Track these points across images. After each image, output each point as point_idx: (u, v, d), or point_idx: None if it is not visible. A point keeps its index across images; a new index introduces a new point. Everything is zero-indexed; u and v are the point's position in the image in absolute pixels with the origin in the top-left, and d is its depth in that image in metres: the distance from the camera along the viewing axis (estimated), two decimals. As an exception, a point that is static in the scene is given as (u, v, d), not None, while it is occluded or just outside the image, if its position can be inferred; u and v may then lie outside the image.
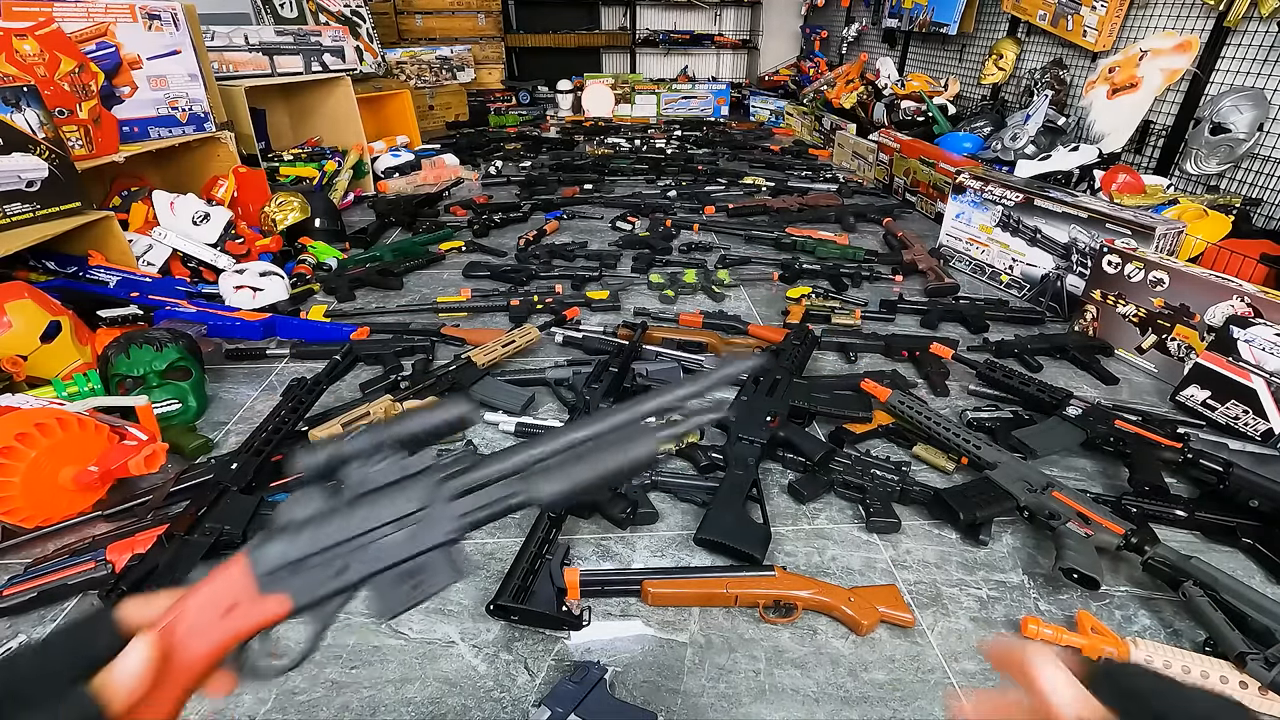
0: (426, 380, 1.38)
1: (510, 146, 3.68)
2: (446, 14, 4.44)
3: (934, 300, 1.89)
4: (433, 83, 4.19)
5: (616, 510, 1.06)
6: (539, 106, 4.72)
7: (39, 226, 1.53)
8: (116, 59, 1.93)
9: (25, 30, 1.64)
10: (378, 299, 1.91)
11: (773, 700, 0.82)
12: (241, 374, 1.51)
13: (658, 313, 1.79)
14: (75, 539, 1.01)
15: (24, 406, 1.05)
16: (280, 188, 2.38)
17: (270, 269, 1.84)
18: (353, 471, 0.40)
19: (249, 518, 0.98)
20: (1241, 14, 2.08)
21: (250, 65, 2.79)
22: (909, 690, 0.84)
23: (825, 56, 4.99)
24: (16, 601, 0.89)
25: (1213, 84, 2.23)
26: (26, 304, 1.33)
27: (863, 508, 1.10)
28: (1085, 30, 2.62)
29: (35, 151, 1.51)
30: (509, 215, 2.55)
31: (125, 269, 1.72)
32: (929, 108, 3.31)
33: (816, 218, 2.57)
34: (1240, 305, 1.40)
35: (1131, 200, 2.06)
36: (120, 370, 1.26)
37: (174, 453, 1.19)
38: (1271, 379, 1.29)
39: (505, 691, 0.82)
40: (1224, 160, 2.14)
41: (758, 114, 4.67)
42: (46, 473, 1.01)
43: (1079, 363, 1.61)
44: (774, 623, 0.92)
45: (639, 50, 5.42)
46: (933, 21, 3.59)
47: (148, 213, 1.95)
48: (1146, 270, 1.56)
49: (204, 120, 2.19)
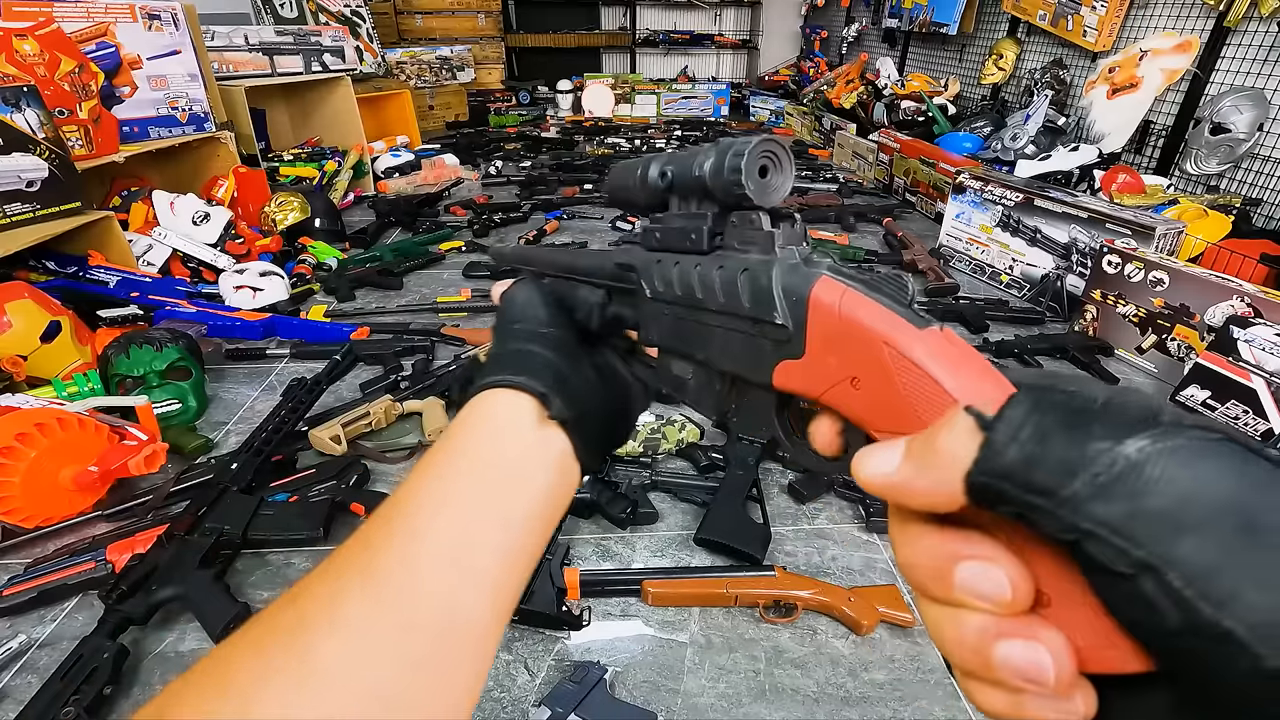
0: (426, 380, 1.38)
1: (510, 146, 3.68)
2: (446, 14, 4.44)
3: (934, 300, 1.89)
4: (433, 83, 4.18)
5: (616, 510, 1.06)
6: (539, 106, 4.72)
7: (39, 226, 1.53)
8: (116, 59, 1.93)
9: (25, 30, 1.64)
10: (378, 299, 1.91)
11: (773, 700, 0.82)
12: (241, 374, 1.51)
13: (658, 313, 1.79)
14: (75, 539, 1.01)
15: (24, 406, 1.05)
16: (280, 188, 2.38)
17: (270, 269, 1.84)
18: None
19: (249, 518, 0.98)
20: (1241, 14, 2.08)
21: (250, 65, 2.78)
22: (909, 690, 0.84)
23: (825, 56, 4.99)
24: (16, 601, 0.89)
25: (1213, 84, 2.23)
26: (26, 304, 1.33)
27: (863, 508, 1.10)
28: (1085, 30, 2.62)
29: (35, 151, 1.51)
30: (509, 215, 2.55)
31: (125, 269, 1.72)
32: (929, 108, 3.31)
33: (816, 218, 2.57)
34: (1240, 305, 1.40)
35: (1131, 200, 2.06)
36: (120, 370, 1.26)
37: (174, 453, 1.19)
38: (1271, 379, 1.29)
39: (505, 691, 0.82)
40: (1224, 160, 2.14)
41: (758, 114, 4.67)
42: (46, 473, 1.01)
43: (1079, 363, 1.61)
44: (774, 623, 0.92)
45: (639, 50, 5.42)
46: (933, 21, 3.59)
47: (148, 213, 1.95)
48: (1146, 270, 1.56)
49: (204, 120, 2.19)
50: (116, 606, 0.84)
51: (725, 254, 0.29)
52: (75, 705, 0.74)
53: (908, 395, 0.20)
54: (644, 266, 0.34)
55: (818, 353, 0.24)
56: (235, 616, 0.86)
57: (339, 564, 0.27)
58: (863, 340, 0.22)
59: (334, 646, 0.24)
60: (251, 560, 1.00)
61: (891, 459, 0.19)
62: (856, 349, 0.22)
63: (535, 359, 0.34)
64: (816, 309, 0.23)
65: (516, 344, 0.35)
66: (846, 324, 0.22)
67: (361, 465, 1.15)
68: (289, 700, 0.22)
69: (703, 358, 0.31)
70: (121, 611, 0.84)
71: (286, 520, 1.00)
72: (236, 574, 0.98)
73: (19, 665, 0.84)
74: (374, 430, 1.28)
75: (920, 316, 0.22)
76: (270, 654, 0.24)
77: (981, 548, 0.18)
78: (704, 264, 0.29)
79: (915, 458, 0.19)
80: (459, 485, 0.29)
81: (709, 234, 0.30)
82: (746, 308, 0.26)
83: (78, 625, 0.89)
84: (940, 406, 0.20)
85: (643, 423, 1.22)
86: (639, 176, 0.33)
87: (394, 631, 0.25)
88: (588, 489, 1.08)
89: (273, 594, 0.95)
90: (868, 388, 0.22)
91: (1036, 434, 0.16)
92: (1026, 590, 0.17)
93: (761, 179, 0.27)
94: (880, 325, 0.21)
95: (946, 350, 0.20)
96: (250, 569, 0.99)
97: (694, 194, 0.30)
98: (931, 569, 0.19)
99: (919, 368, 0.20)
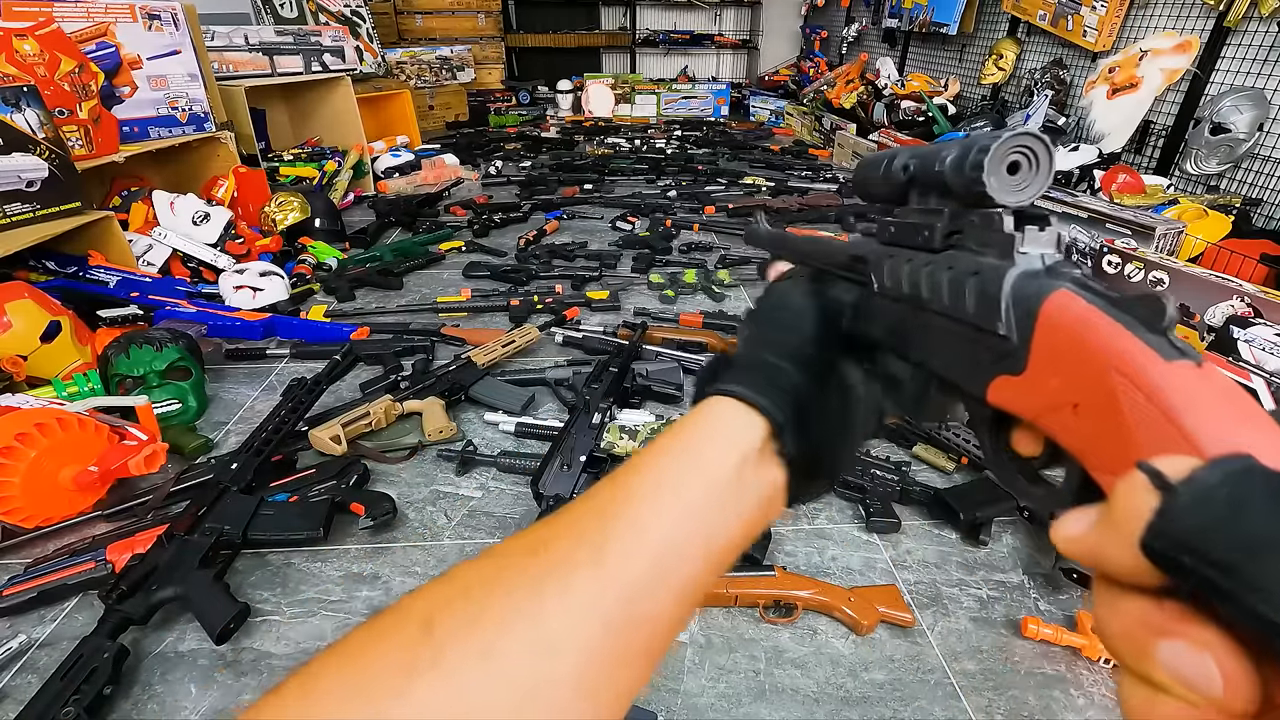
0: (426, 380, 1.38)
1: (510, 146, 3.68)
2: (446, 14, 4.44)
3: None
4: (433, 83, 4.18)
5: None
6: (539, 106, 4.71)
7: (39, 226, 1.53)
8: (116, 59, 1.93)
9: (25, 30, 1.64)
10: (378, 299, 1.91)
11: (773, 700, 0.82)
12: (241, 374, 1.51)
13: (658, 313, 1.79)
14: (75, 539, 1.01)
15: (24, 406, 1.05)
16: (280, 188, 2.38)
17: (270, 269, 1.84)
18: None
19: (249, 518, 0.98)
20: (1241, 14, 2.08)
21: (250, 65, 2.79)
22: (909, 690, 0.84)
23: (825, 56, 4.99)
24: (16, 601, 0.89)
25: (1213, 84, 2.23)
26: (26, 304, 1.32)
27: (863, 508, 1.10)
28: (1085, 30, 2.62)
29: (35, 151, 1.51)
30: (509, 215, 2.54)
31: (125, 269, 1.72)
32: (929, 108, 3.31)
33: (817, 218, 2.57)
34: (1240, 305, 1.40)
35: (1131, 200, 2.06)
36: (120, 370, 1.26)
37: (174, 453, 1.19)
38: (1271, 379, 1.29)
39: (505, 691, 0.82)
40: (1224, 160, 2.14)
41: (758, 114, 4.67)
42: (46, 473, 1.01)
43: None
44: (774, 623, 0.92)
45: (639, 50, 5.41)
46: (933, 21, 3.59)
47: (148, 213, 1.95)
48: (1146, 270, 1.56)
49: (204, 120, 2.19)
50: (116, 606, 0.84)
51: (959, 254, 0.27)
52: (75, 705, 0.74)
53: (1135, 432, 0.18)
54: (875, 259, 0.32)
55: (1040, 371, 0.22)
56: (235, 616, 0.86)
57: (574, 524, 0.27)
58: (1092, 363, 0.19)
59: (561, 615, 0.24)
60: (251, 560, 1.00)
61: (1087, 522, 0.17)
62: (1084, 372, 0.20)
63: (784, 379, 0.32)
64: (1046, 323, 0.21)
65: (772, 354, 0.33)
66: (1076, 343, 0.20)
67: (361, 465, 1.15)
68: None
69: (919, 360, 0.29)
70: (121, 611, 0.84)
71: (286, 520, 1.00)
72: (236, 574, 0.98)
73: (19, 665, 0.84)
74: (374, 430, 1.27)
75: (1174, 346, 0.18)
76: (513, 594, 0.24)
77: (1194, 629, 0.15)
78: (935, 263, 0.28)
79: (1104, 518, 0.17)
80: (685, 493, 0.28)
81: (942, 231, 0.28)
82: (970, 313, 0.25)
83: (78, 625, 0.89)
84: (1175, 450, 0.17)
85: (643, 423, 1.22)
86: (883, 168, 0.32)
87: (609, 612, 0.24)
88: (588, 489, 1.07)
89: (273, 594, 0.95)
90: (1090, 417, 0.20)
91: (1233, 499, 0.14)
92: (1246, 689, 0.14)
93: (1010, 175, 0.25)
94: (1115, 348, 0.19)
95: (1196, 386, 0.17)
96: (250, 569, 0.99)
97: (933, 189, 0.29)
98: (1128, 638, 0.16)
99: (1157, 401, 0.17)
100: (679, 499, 0.28)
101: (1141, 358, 0.18)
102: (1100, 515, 0.17)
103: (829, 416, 0.32)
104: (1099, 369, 0.19)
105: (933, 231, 0.28)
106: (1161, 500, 0.15)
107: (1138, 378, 0.18)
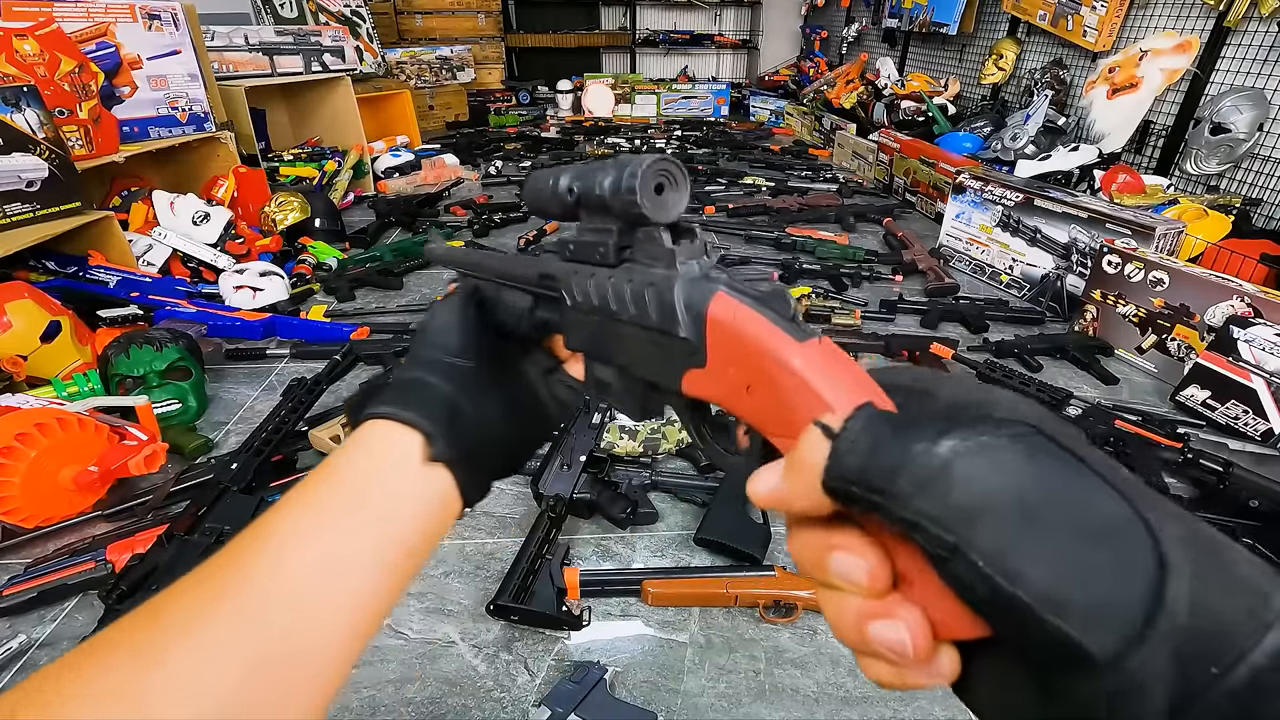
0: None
1: (510, 146, 3.68)
2: (446, 14, 4.44)
3: (934, 300, 1.89)
4: (433, 83, 4.19)
5: (616, 510, 1.07)
6: (539, 106, 4.71)
7: (39, 226, 1.53)
8: (116, 59, 1.93)
9: (25, 30, 1.64)
10: (378, 299, 1.91)
11: (773, 700, 0.82)
12: (241, 374, 1.51)
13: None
14: (75, 539, 1.01)
15: (24, 406, 1.05)
16: (280, 188, 2.38)
17: (270, 269, 1.84)
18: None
19: (249, 518, 0.98)
20: (1241, 14, 2.08)
21: (250, 65, 2.79)
22: (909, 690, 0.84)
23: (825, 56, 4.99)
24: (16, 601, 0.89)
25: (1213, 84, 2.24)
26: (26, 304, 1.33)
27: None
28: (1085, 30, 2.62)
29: (35, 151, 1.51)
30: (509, 215, 2.54)
31: (125, 269, 1.72)
32: (929, 108, 3.31)
33: (816, 218, 2.57)
34: (1240, 305, 1.40)
35: (1131, 200, 2.06)
36: (120, 370, 1.26)
37: (174, 453, 1.19)
38: (1271, 379, 1.29)
39: (505, 691, 0.82)
40: (1224, 160, 2.14)
41: (758, 114, 4.67)
42: (46, 473, 1.01)
43: (1079, 363, 1.61)
44: (774, 623, 0.92)
45: (639, 50, 5.41)
46: (933, 21, 3.59)
47: (148, 213, 1.95)
48: (1146, 270, 1.56)
49: (204, 120, 2.19)
50: (116, 606, 0.84)
51: (633, 267, 0.30)
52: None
53: (791, 401, 0.22)
54: (564, 276, 0.35)
55: (718, 363, 0.25)
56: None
57: (199, 583, 0.27)
58: (751, 352, 0.24)
59: (183, 652, 0.25)
60: (251, 560, 1.00)
61: (775, 475, 0.22)
62: (747, 360, 0.24)
63: (430, 392, 0.34)
64: (714, 323, 0.25)
65: (417, 372, 0.35)
66: (738, 337, 0.24)
67: (361, 465, 1.15)
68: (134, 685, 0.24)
69: (621, 364, 0.32)
70: (121, 611, 0.84)
71: (286, 520, 1.00)
72: (236, 574, 0.98)
73: (19, 665, 0.84)
74: (374, 430, 1.27)
75: (801, 329, 0.23)
76: (123, 655, 0.25)
77: (849, 540, 0.20)
78: (615, 276, 0.31)
79: (788, 470, 0.21)
80: (331, 520, 0.30)
81: (615, 248, 0.31)
82: (654, 320, 0.28)
83: (78, 625, 0.89)
84: (819, 411, 0.21)
85: (642, 422, 1.22)
86: (550, 189, 0.34)
87: (243, 649, 0.25)
88: (588, 489, 1.08)
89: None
90: (759, 395, 0.24)
91: (871, 440, 0.19)
92: (882, 574, 0.19)
93: (658, 196, 0.28)
94: (764, 337, 0.23)
95: (823, 359, 0.22)
96: (250, 569, 0.99)
97: (598, 210, 0.31)
98: (812, 559, 0.21)
99: (798, 376, 0.22)
100: (322, 522, 0.29)
101: (780, 342, 0.23)
102: (786, 467, 0.21)
103: (488, 419, 0.35)
104: (756, 355, 0.23)
105: (607, 249, 0.31)
106: (831, 447, 0.19)
107: (781, 359, 0.22)
